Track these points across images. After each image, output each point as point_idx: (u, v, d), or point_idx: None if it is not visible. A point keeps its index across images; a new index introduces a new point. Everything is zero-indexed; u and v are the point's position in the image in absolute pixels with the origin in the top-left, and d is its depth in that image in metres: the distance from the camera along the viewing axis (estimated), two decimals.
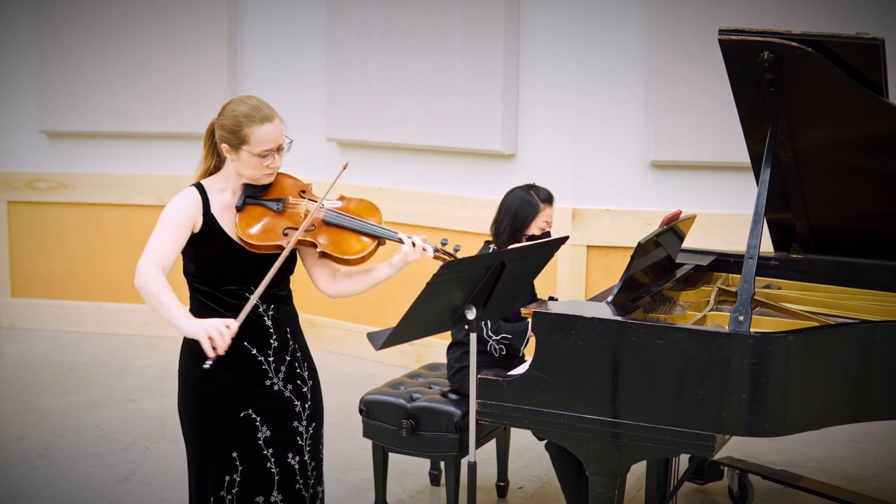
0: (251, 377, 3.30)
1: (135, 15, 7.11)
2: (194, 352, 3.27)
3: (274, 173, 3.29)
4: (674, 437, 3.22)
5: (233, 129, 3.20)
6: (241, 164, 3.23)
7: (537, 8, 6.00)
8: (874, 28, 3.86)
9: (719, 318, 3.65)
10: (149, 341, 7.17)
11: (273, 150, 3.22)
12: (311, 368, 3.45)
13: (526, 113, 6.10)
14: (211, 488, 3.30)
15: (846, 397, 3.32)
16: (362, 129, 6.58)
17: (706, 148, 5.71)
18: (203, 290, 3.28)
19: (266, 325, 3.31)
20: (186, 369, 3.33)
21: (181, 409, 3.36)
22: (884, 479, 4.91)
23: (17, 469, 4.98)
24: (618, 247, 5.87)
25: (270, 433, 3.31)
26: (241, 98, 3.27)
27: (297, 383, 3.37)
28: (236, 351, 3.24)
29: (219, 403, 3.28)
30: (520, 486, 4.81)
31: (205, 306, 3.28)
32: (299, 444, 3.37)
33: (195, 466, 3.35)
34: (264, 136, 3.18)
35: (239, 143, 3.20)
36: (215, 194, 3.28)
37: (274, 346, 3.32)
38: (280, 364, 3.34)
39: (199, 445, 3.32)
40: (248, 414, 3.29)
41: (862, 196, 4.03)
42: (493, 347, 4.18)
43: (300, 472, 3.36)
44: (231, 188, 3.30)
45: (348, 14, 6.59)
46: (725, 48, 3.62)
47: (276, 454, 3.32)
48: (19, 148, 7.46)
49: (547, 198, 4.30)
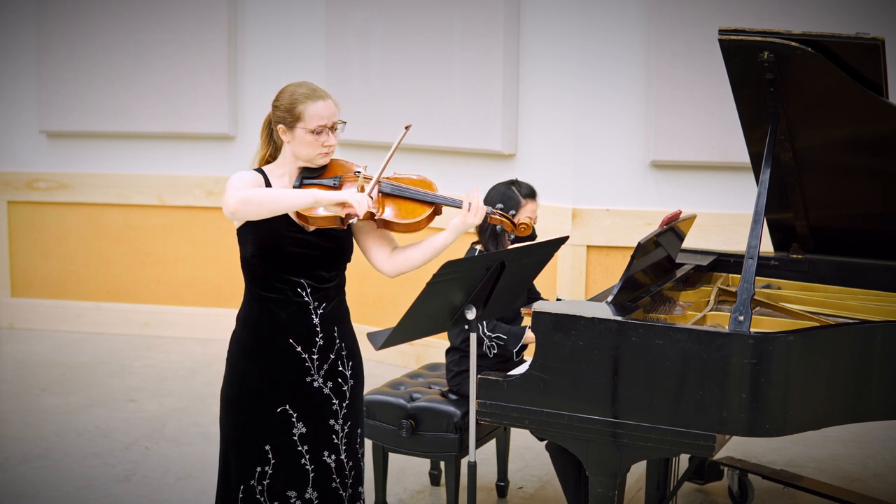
0: (293, 374, 3.34)
1: (135, 15, 7.11)
2: (242, 345, 3.35)
3: (329, 154, 3.35)
4: (674, 438, 3.22)
5: (288, 107, 3.28)
6: (297, 144, 3.29)
7: (537, 8, 6.00)
8: (874, 28, 3.86)
9: (719, 318, 3.65)
10: (149, 341, 7.17)
11: (327, 126, 3.29)
12: (355, 368, 3.47)
13: (526, 113, 6.10)
14: (242, 477, 3.33)
15: (846, 397, 3.31)
16: (362, 129, 6.58)
17: (706, 148, 5.71)
18: (260, 278, 3.31)
19: (314, 323, 3.34)
20: (233, 362, 3.38)
21: (222, 397, 3.41)
22: (884, 479, 4.91)
23: (17, 469, 4.98)
24: (618, 247, 5.87)
25: (306, 430, 3.35)
26: (295, 82, 3.37)
27: (337, 381, 3.40)
28: (282, 348, 3.31)
29: (257, 398, 3.33)
30: (520, 486, 4.81)
31: (257, 300, 3.33)
32: (335, 443, 3.39)
33: (228, 453, 3.39)
34: (318, 112, 3.27)
35: (294, 121, 3.28)
36: (275, 179, 3.35)
37: (319, 345, 3.36)
38: (323, 362, 3.37)
39: (234, 435, 3.37)
40: (286, 409, 3.33)
41: (862, 196, 4.03)
42: (487, 346, 4.17)
43: (336, 471, 3.39)
44: (289, 173, 3.36)
45: (348, 14, 6.59)
46: (725, 48, 3.62)
47: (311, 451, 3.35)
48: (19, 148, 7.46)
49: (529, 193, 4.24)
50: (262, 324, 3.34)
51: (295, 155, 3.33)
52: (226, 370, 3.42)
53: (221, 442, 3.43)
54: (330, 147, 3.32)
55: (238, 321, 3.42)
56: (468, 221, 3.33)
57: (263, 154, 3.44)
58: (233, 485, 3.36)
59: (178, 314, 7.28)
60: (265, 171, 3.36)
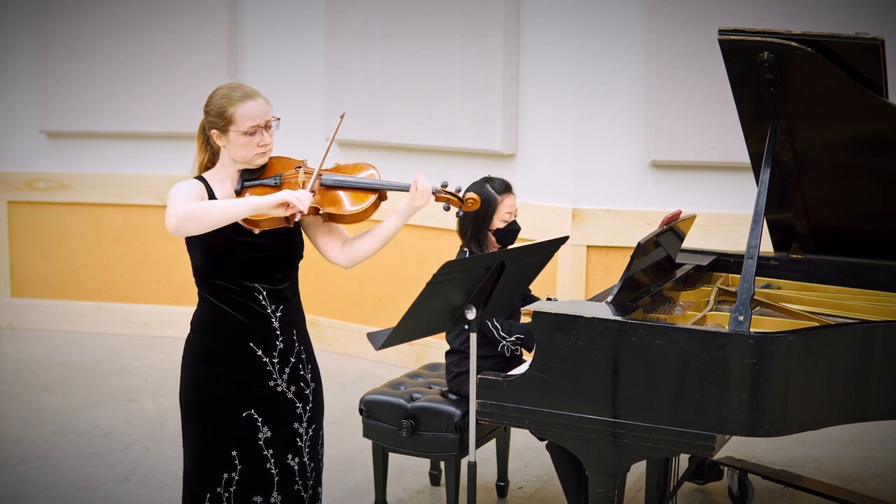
0: (255, 378, 3.31)
1: (135, 15, 7.11)
2: (199, 350, 3.29)
3: (266, 153, 3.31)
4: (674, 437, 3.22)
5: (219, 111, 3.24)
6: (232, 147, 3.26)
7: (537, 8, 6.00)
8: (874, 28, 3.86)
9: (719, 318, 3.65)
10: (149, 341, 7.17)
11: (261, 126, 3.25)
12: (314, 371, 3.46)
13: (526, 113, 6.10)
14: (208, 484, 3.31)
15: (846, 397, 3.31)
16: (362, 128, 6.58)
17: (706, 148, 5.71)
18: (213, 285, 3.29)
19: (273, 327, 3.32)
20: (191, 367, 3.34)
21: (183, 403, 3.37)
22: (884, 479, 4.91)
23: (17, 469, 4.98)
24: (618, 247, 5.87)
25: (271, 434, 3.32)
26: (224, 84, 3.33)
27: (300, 385, 3.38)
28: (241, 352, 3.27)
29: (222, 403, 3.30)
30: (520, 486, 4.81)
31: (213, 308, 3.30)
32: (299, 446, 3.37)
33: (193, 461, 3.35)
34: (248, 112, 3.23)
35: (226, 125, 3.24)
36: (216, 185, 3.32)
37: (280, 348, 3.33)
38: (284, 366, 3.34)
39: (199, 441, 3.33)
40: (251, 414, 3.30)
41: (862, 196, 4.02)
42: (506, 348, 4.15)
43: (299, 474, 3.37)
44: (229, 177, 3.33)
45: (348, 14, 6.59)
46: (725, 48, 3.62)
47: (275, 455, 3.33)
48: (19, 148, 7.46)
49: (504, 188, 4.20)
50: (219, 328, 3.30)
51: (232, 158, 3.30)
52: (182, 376, 3.37)
53: (185, 449, 3.38)
54: (266, 146, 3.28)
55: (193, 326, 3.38)
56: (414, 204, 3.32)
57: (202, 160, 3.40)
58: (199, 492, 3.32)
59: (178, 314, 7.28)
60: (206, 178, 3.32)
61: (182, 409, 3.38)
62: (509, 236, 4.21)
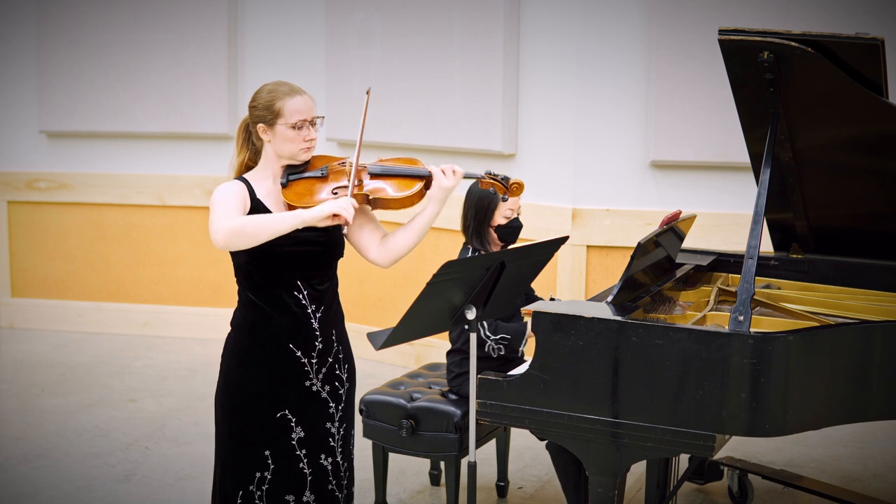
0: (292, 378, 3.33)
1: (135, 15, 7.11)
2: (238, 351, 3.33)
3: (311, 149, 3.36)
4: (674, 437, 3.22)
5: (267, 104, 3.29)
6: (278, 141, 3.29)
7: (537, 8, 6.00)
8: (874, 28, 3.86)
9: (719, 318, 3.65)
10: (149, 341, 7.17)
11: (307, 121, 3.30)
12: (350, 370, 3.48)
13: (526, 113, 6.10)
14: (240, 483, 3.32)
15: (846, 397, 3.32)
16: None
17: (706, 148, 5.71)
18: (255, 283, 3.29)
19: (313, 328, 3.34)
20: (228, 367, 3.37)
21: (218, 403, 3.39)
22: (884, 479, 4.91)
23: (17, 469, 4.98)
24: (618, 247, 5.87)
25: (304, 434, 3.34)
26: (270, 82, 3.37)
27: (334, 384, 3.41)
28: (281, 354, 3.30)
29: (257, 405, 3.32)
30: (520, 486, 4.81)
31: (254, 308, 3.31)
32: (331, 446, 3.40)
33: (225, 458, 3.37)
34: (297, 107, 3.28)
35: (274, 118, 3.27)
36: (258, 183, 3.34)
37: (318, 349, 3.36)
38: (322, 366, 3.37)
39: (233, 440, 3.35)
40: (285, 414, 3.33)
41: (862, 196, 4.02)
42: (491, 348, 4.13)
43: (333, 473, 3.39)
44: (272, 174, 3.35)
45: (348, 14, 6.59)
46: (725, 48, 3.62)
47: (309, 455, 3.35)
48: (19, 148, 7.46)
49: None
50: (259, 329, 3.32)
51: (277, 153, 3.32)
52: (220, 375, 3.40)
53: (218, 447, 3.40)
54: (311, 141, 3.33)
55: (233, 326, 3.40)
56: (441, 184, 3.35)
57: (242, 160, 3.42)
58: (230, 490, 3.34)
59: (178, 314, 7.29)
60: (248, 179, 3.34)
61: (217, 409, 3.40)
62: (511, 233, 4.21)
